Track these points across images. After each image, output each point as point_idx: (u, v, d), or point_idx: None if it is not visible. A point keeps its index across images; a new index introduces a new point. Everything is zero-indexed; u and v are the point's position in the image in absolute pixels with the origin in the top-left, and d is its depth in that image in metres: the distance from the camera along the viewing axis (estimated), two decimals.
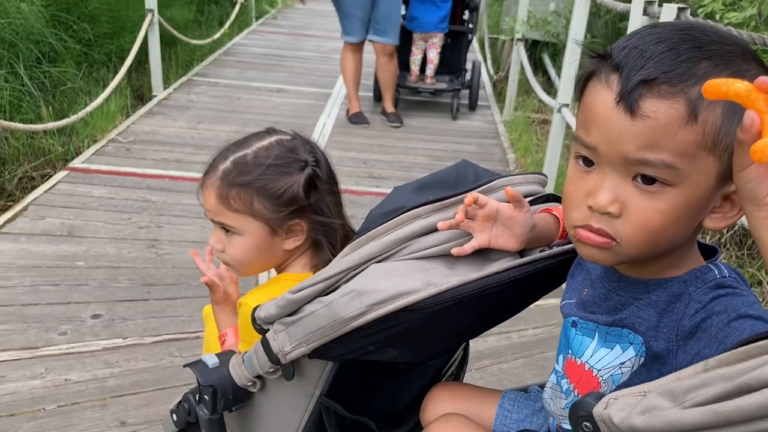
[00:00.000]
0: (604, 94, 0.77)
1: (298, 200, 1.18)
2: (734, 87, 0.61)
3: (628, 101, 0.74)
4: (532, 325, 2.77)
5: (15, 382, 2.25)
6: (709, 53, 0.73)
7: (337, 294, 0.92)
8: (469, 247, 0.94)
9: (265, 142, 1.22)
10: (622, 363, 0.85)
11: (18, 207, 3.46)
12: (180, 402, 1.21)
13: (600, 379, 0.88)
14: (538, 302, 1.19)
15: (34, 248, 3.10)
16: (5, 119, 3.81)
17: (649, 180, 0.75)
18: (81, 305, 2.71)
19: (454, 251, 0.94)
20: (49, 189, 3.71)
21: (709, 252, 0.87)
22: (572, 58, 3.75)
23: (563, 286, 1.06)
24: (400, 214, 0.95)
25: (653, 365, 0.82)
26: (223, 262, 1.28)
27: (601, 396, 0.63)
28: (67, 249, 3.12)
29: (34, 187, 3.76)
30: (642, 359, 0.83)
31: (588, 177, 0.80)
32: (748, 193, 0.64)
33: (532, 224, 0.97)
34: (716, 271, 0.80)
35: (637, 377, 0.84)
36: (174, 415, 1.24)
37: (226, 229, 1.22)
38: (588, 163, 0.81)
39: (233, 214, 1.19)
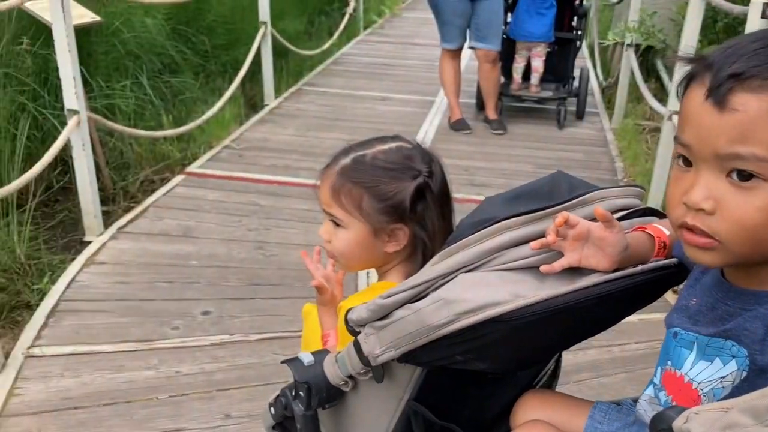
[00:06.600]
0: (696, 92, 0.78)
1: (403, 208, 1.21)
2: None
3: (716, 96, 0.75)
4: (635, 339, 2.68)
5: (132, 371, 2.42)
6: None
7: (425, 301, 0.95)
8: (558, 265, 0.94)
9: (386, 146, 1.26)
10: (723, 377, 0.83)
11: (139, 208, 3.71)
12: (278, 396, 1.26)
13: (700, 392, 0.86)
14: (642, 316, 1.16)
15: (153, 247, 3.32)
16: (130, 126, 4.11)
17: (745, 176, 0.75)
18: (193, 302, 2.87)
19: (543, 269, 0.94)
20: (167, 192, 3.96)
21: None
22: (683, 64, 3.59)
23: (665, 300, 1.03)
24: (490, 225, 0.96)
25: (757, 380, 0.79)
26: (328, 254, 1.32)
27: (683, 410, 0.62)
28: (182, 248, 3.32)
29: (154, 190, 4.01)
30: (744, 373, 0.80)
31: (685, 176, 0.81)
32: None
33: (624, 244, 0.95)
34: None
35: (738, 392, 0.80)
36: (272, 409, 1.29)
37: (336, 223, 1.27)
38: (686, 162, 0.82)
39: (341, 209, 1.24)
